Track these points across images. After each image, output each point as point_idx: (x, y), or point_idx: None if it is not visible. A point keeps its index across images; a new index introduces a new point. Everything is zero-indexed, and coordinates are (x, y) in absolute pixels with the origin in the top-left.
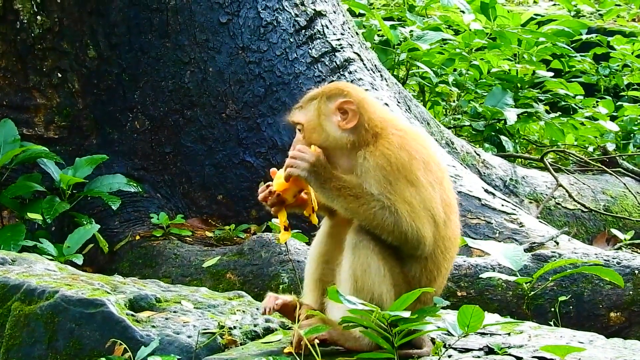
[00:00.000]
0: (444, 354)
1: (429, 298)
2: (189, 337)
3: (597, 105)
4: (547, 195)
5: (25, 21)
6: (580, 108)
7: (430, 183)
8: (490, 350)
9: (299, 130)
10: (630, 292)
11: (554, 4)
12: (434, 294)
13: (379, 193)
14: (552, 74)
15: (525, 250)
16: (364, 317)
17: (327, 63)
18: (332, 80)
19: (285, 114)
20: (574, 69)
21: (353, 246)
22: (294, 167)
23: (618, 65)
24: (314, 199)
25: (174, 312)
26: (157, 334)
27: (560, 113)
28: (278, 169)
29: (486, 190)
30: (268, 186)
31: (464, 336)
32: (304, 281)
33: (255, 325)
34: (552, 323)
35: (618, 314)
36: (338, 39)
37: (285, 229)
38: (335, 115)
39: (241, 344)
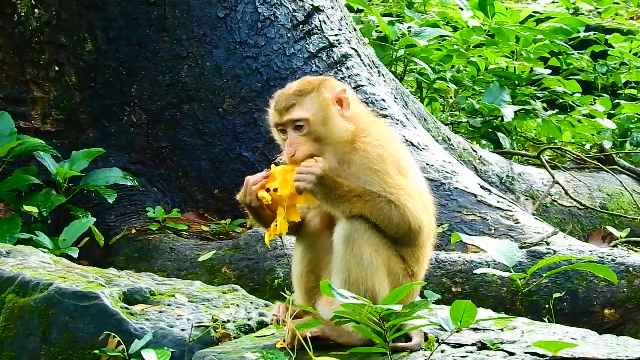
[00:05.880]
0: (436, 348)
1: (416, 290)
2: (183, 330)
3: (595, 102)
4: (543, 192)
5: (23, 14)
6: (577, 105)
7: (416, 170)
8: (483, 346)
9: (297, 127)
10: (625, 289)
11: (553, 2)
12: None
13: (381, 187)
14: (549, 71)
15: (520, 247)
16: (357, 312)
17: (324, 58)
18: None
19: (271, 117)
20: (571, 67)
21: (345, 238)
22: (301, 181)
23: (616, 63)
24: (281, 222)
25: (168, 305)
26: (150, 327)
27: (558, 110)
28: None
29: (482, 187)
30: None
31: (457, 331)
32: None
33: (249, 319)
34: (546, 319)
35: (612, 310)
36: (335, 35)
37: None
38: (335, 106)
39: (235, 338)
